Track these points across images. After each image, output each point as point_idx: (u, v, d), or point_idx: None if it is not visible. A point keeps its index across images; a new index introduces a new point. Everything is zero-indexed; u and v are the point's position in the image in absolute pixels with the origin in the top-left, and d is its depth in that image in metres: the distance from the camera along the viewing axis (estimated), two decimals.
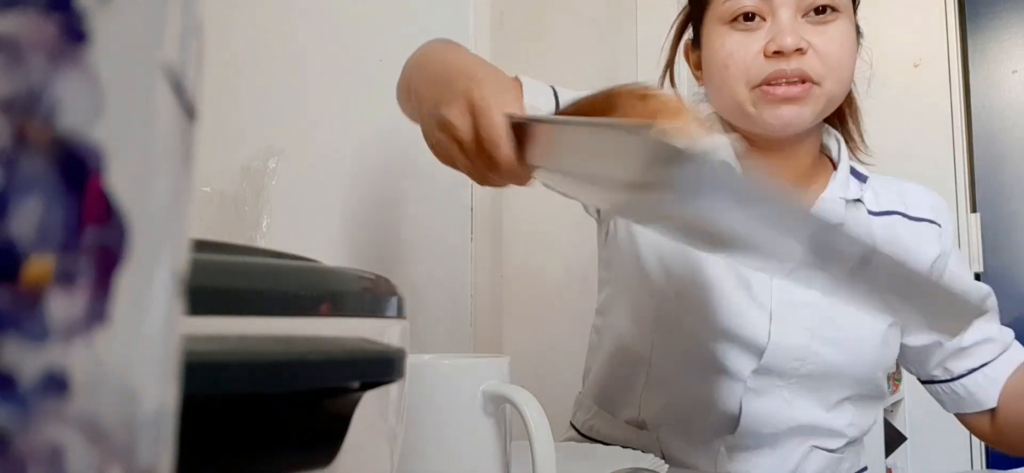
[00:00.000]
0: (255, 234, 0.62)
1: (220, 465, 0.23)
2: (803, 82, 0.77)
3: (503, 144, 0.52)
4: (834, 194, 0.85)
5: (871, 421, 0.88)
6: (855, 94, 0.94)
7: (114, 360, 0.12)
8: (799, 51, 0.76)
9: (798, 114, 0.78)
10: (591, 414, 0.94)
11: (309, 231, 1.22)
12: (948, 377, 0.87)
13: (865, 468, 0.92)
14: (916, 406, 1.79)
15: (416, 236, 1.20)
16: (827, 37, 0.78)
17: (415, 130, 1.29)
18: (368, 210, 1.23)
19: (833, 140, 0.90)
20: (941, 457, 1.78)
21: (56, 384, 0.11)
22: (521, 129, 0.53)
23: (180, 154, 0.14)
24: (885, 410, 1.89)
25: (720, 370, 0.81)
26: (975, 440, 1.67)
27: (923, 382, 0.91)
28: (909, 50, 1.81)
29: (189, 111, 0.14)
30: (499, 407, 0.52)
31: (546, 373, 1.09)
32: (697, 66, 0.88)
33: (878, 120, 1.80)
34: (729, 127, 0.85)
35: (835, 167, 0.88)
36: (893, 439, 1.88)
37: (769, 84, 0.77)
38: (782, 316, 0.80)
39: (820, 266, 0.45)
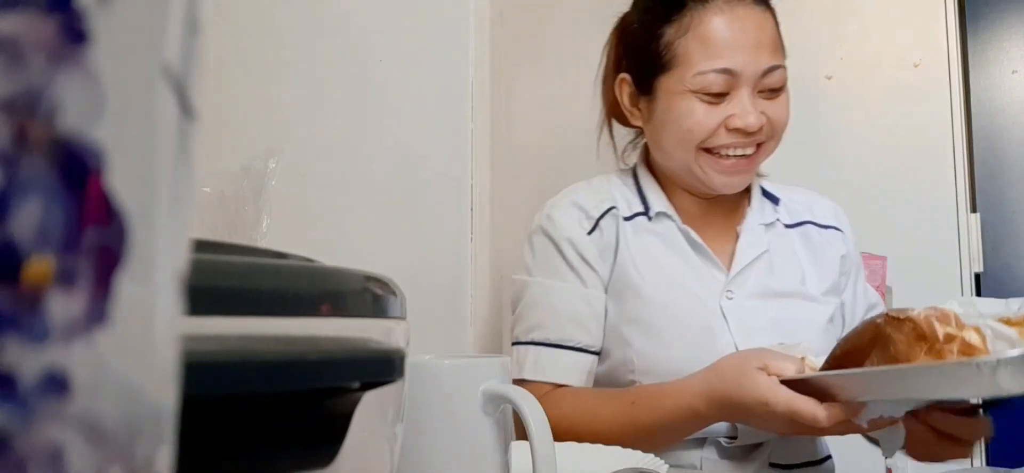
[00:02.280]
0: (255, 234, 0.62)
1: (220, 465, 0.23)
2: (751, 159, 0.89)
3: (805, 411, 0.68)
4: (753, 222, 0.95)
5: None
6: None
7: (114, 360, 0.12)
8: (759, 129, 0.87)
9: (739, 182, 0.91)
10: None
11: (309, 231, 1.21)
12: None
13: (829, 456, 0.95)
14: None
15: (416, 236, 1.20)
16: (776, 112, 0.89)
17: (414, 131, 1.29)
18: (368, 210, 1.23)
19: None
20: None
21: (56, 384, 0.11)
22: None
23: (180, 154, 0.14)
24: None
25: None
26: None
27: None
28: (909, 50, 1.81)
29: (189, 111, 0.14)
30: (499, 407, 0.51)
31: None
32: (635, 105, 0.96)
33: (878, 120, 1.80)
34: (656, 173, 0.97)
35: (749, 191, 0.98)
36: None
37: (719, 151, 0.88)
38: (744, 346, 0.85)
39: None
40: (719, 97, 0.86)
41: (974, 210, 1.81)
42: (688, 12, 0.87)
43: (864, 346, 0.64)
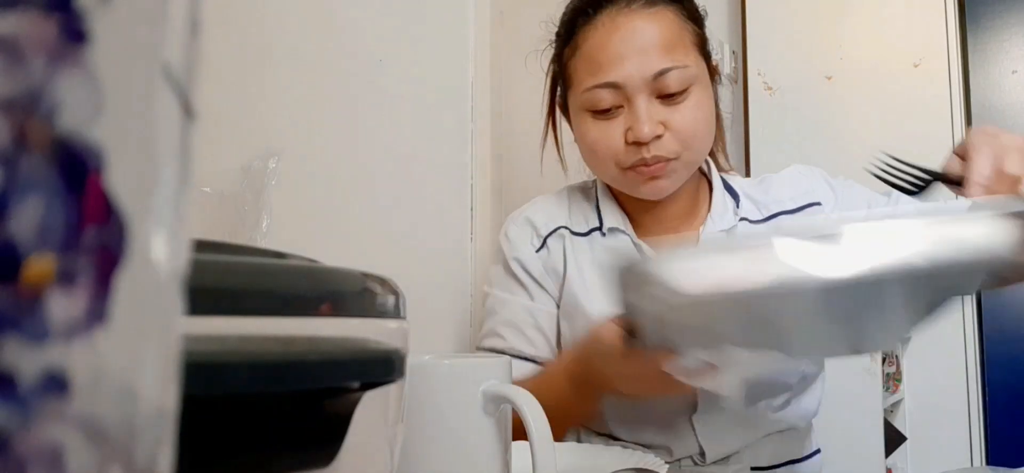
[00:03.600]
0: (255, 234, 0.62)
1: (220, 465, 0.23)
2: (663, 162, 0.84)
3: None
4: (713, 227, 0.91)
5: (816, 404, 0.92)
6: (720, 116, 0.99)
7: (114, 360, 0.12)
8: (656, 137, 0.83)
9: (664, 187, 0.86)
10: None
11: (309, 231, 1.21)
12: None
13: (817, 451, 0.95)
14: (916, 406, 1.80)
15: (416, 236, 1.20)
16: (680, 116, 0.84)
17: (414, 131, 1.29)
18: (368, 210, 1.23)
19: (704, 164, 0.97)
20: (941, 457, 1.78)
21: (56, 384, 0.11)
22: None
23: (180, 154, 0.14)
24: (885, 410, 1.89)
25: (665, 404, 0.86)
26: (975, 439, 1.67)
27: None
28: (909, 50, 1.81)
29: (189, 111, 0.14)
30: (499, 407, 0.51)
31: None
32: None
33: (878, 120, 1.80)
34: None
35: (711, 187, 0.95)
36: (893, 439, 1.88)
37: (636, 167, 0.85)
38: None
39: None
40: (610, 112, 0.85)
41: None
42: (578, 32, 0.88)
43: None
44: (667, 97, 0.83)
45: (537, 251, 0.95)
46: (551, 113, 0.98)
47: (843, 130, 1.81)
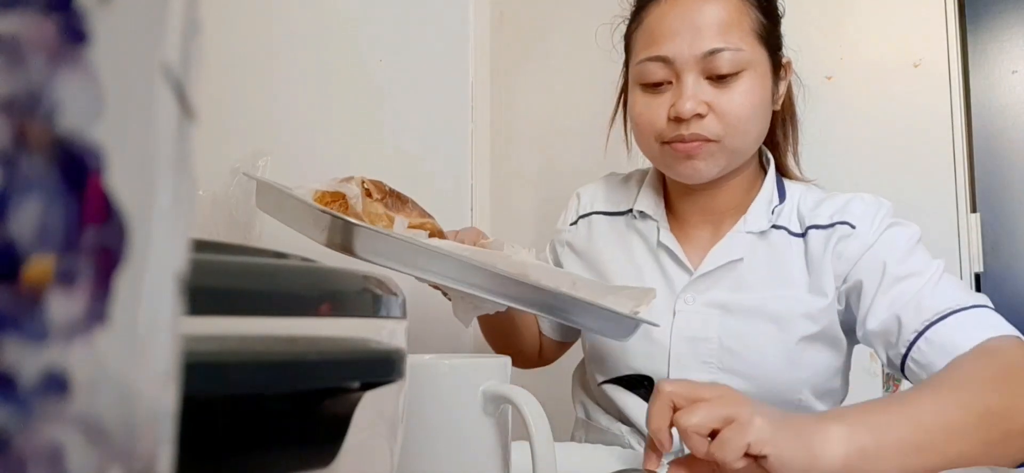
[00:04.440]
0: (247, 236, 0.62)
1: (220, 465, 0.23)
2: (701, 142, 0.83)
3: None
4: (744, 227, 0.89)
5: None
6: (794, 119, 0.98)
7: (114, 360, 0.12)
8: (697, 116, 0.82)
9: (698, 169, 0.84)
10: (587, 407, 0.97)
11: None
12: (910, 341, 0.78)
13: None
14: None
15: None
16: (727, 98, 0.82)
17: (414, 131, 1.29)
18: None
19: (766, 161, 0.95)
20: None
21: (56, 384, 0.11)
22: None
23: (180, 154, 0.14)
24: None
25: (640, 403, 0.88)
26: None
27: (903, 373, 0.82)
28: (909, 50, 1.81)
29: (189, 111, 0.14)
30: (499, 407, 0.51)
31: (546, 373, 1.09)
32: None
33: (878, 120, 1.80)
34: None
35: (760, 188, 0.92)
36: None
37: (674, 142, 0.84)
38: (680, 356, 0.85)
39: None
40: (659, 87, 0.85)
41: (974, 210, 1.81)
42: (644, 7, 0.89)
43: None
44: (717, 79, 0.82)
45: (572, 224, 1.01)
46: (623, 92, 0.99)
47: (843, 130, 1.81)
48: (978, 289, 1.76)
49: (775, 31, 0.89)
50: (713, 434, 0.56)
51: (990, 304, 0.78)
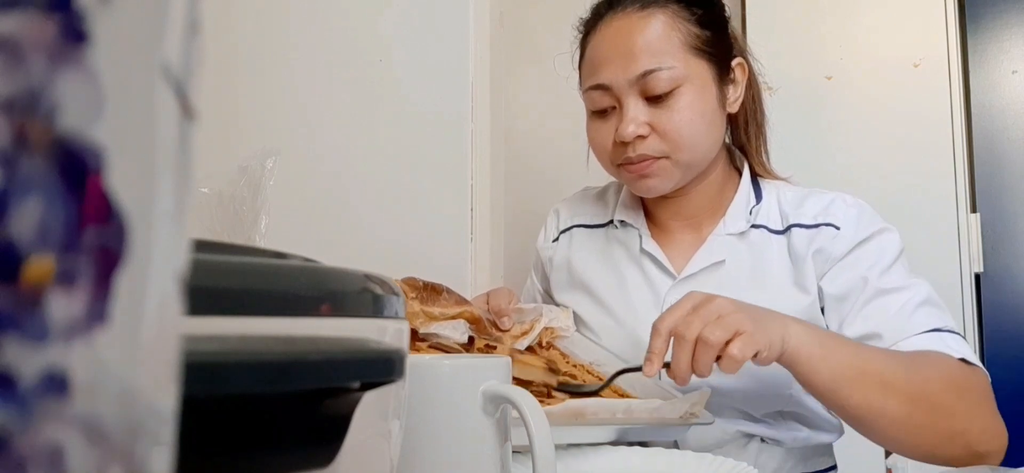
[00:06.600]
0: (253, 234, 0.62)
1: (220, 465, 0.23)
2: (649, 161, 0.86)
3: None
4: (724, 228, 0.91)
5: (808, 434, 0.88)
6: (758, 119, 0.98)
7: (114, 360, 0.12)
8: (640, 137, 0.85)
9: (652, 186, 0.88)
10: None
11: (309, 231, 1.21)
12: None
13: (834, 467, 0.93)
14: None
15: (416, 236, 1.20)
16: (667, 116, 0.85)
17: (414, 131, 1.29)
18: (368, 210, 1.23)
19: (739, 161, 0.97)
20: None
21: (56, 384, 0.11)
22: None
23: (180, 154, 0.14)
24: None
25: None
26: None
27: None
28: (909, 50, 1.81)
29: (189, 111, 0.14)
30: (499, 407, 0.51)
31: None
32: None
33: (878, 120, 1.80)
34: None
35: (735, 190, 0.94)
36: None
37: (625, 164, 0.88)
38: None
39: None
40: (605, 113, 0.88)
41: (974, 210, 1.81)
42: (585, 37, 0.93)
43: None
44: (655, 99, 0.85)
45: (553, 241, 1.04)
46: None
47: (843, 130, 1.81)
48: (978, 289, 1.76)
49: (717, 38, 0.89)
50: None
51: (964, 335, 0.83)
